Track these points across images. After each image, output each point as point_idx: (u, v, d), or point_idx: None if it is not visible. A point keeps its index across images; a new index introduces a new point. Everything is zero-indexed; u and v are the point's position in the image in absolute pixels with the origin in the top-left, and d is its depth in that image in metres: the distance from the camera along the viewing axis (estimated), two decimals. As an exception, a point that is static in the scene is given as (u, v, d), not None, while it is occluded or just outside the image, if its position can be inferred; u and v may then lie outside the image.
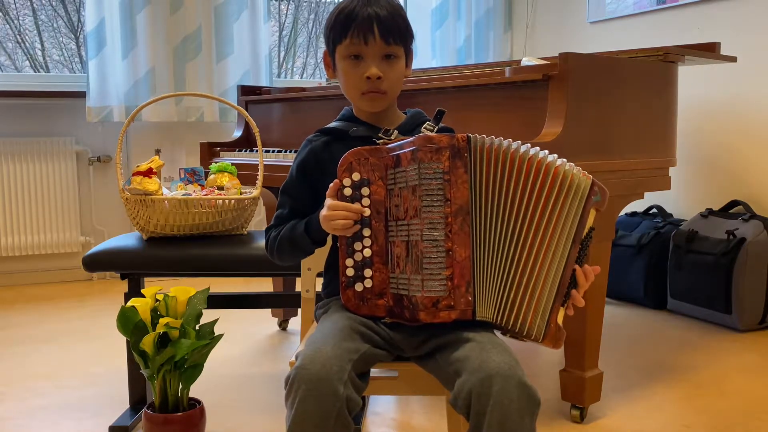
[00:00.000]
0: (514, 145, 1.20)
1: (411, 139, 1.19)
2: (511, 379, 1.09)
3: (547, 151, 1.21)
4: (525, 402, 1.09)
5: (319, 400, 1.09)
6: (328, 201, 1.23)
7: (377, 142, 1.25)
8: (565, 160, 1.22)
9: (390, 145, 1.22)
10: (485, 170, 1.18)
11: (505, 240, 1.19)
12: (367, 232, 1.21)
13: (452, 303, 1.15)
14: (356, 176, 1.21)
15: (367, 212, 1.21)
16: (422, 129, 1.32)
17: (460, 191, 1.16)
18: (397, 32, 1.31)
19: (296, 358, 1.16)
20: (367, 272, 1.21)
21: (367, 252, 1.21)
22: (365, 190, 1.21)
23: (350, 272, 1.22)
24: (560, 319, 1.22)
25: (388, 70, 1.31)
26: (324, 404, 1.09)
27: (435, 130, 1.32)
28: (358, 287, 1.22)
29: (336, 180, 1.22)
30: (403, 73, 1.35)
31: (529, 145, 1.21)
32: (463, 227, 1.16)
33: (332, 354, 1.12)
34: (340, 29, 1.31)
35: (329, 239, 1.35)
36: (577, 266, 1.21)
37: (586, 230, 1.23)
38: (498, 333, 1.24)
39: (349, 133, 1.35)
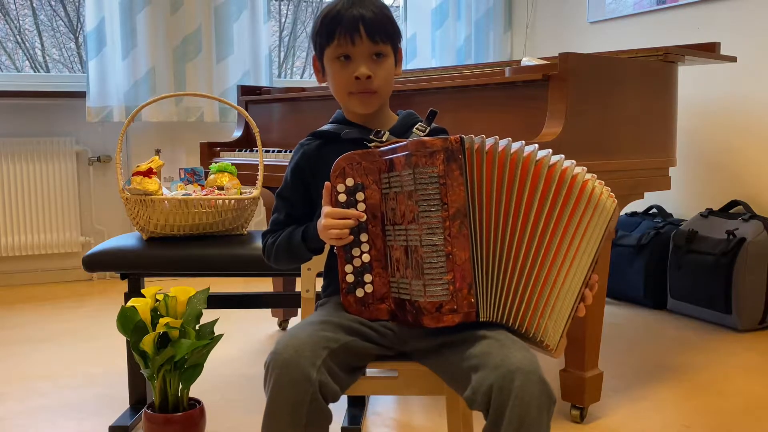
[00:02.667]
0: (515, 145, 1.19)
1: (404, 143, 1.18)
2: (533, 375, 1.10)
3: (535, 146, 1.20)
4: (544, 399, 1.10)
5: (291, 385, 1.10)
6: (325, 209, 1.22)
7: (368, 145, 1.25)
8: (581, 167, 1.21)
9: (382, 149, 1.21)
10: (485, 171, 1.17)
11: (509, 240, 1.18)
12: (364, 237, 1.20)
13: (455, 307, 1.14)
14: (350, 181, 1.21)
15: (364, 217, 1.20)
16: (414, 130, 1.32)
17: (456, 194, 1.15)
18: (383, 31, 1.31)
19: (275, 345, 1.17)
20: (367, 277, 1.21)
21: (366, 257, 1.21)
22: (360, 195, 1.20)
23: (350, 278, 1.21)
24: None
25: (378, 69, 1.31)
26: (297, 389, 1.10)
27: (427, 130, 1.31)
28: (359, 293, 1.21)
29: (327, 183, 1.22)
30: (392, 72, 1.35)
31: (523, 142, 1.20)
32: (461, 230, 1.15)
33: (306, 340, 1.14)
34: (326, 32, 1.31)
35: (327, 246, 1.35)
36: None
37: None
38: None
39: (341, 135, 1.35)
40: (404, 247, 1.17)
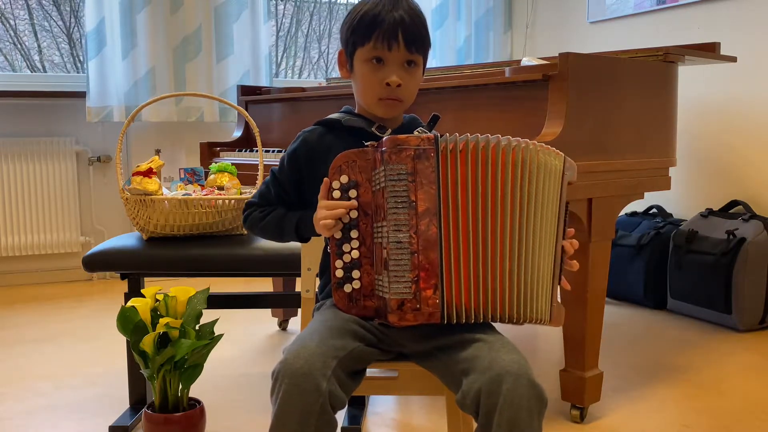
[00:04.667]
0: (492, 140, 1.18)
1: (384, 138, 1.19)
2: (522, 378, 1.10)
3: (497, 136, 1.19)
4: (534, 401, 1.10)
5: (301, 395, 1.09)
6: (320, 202, 1.23)
7: (365, 144, 1.25)
8: (531, 141, 1.21)
9: (375, 146, 1.21)
10: (459, 169, 1.16)
11: (487, 238, 1.17)
12: (354, 233, 1.21)
13: (418, 306, 1.14)
14: (344, 179, 1.21)
15: (355, 214, 1.20)
16: (414, 132, 1.31)
17: (426, 192, 1.15)
18: (420, 41, 1.31)
19: (283, 353, 1.16)
20: (355, 273, 1.21)
21: (355, 253, 1.21)
22: (353, 192, 1.21)
23: (339, 273, 1.22)
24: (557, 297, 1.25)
25: (408, 78, 1.31)
26: (306, 399, 1.09)
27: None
28: (347, 288, 1.22)
29: (326, 179, 1.23)
30: (420, 81, 1.35)
31: (488, 136, 1.19)
32: (429, 228, 1.15)
33: (317, 350, 1.13)
34: (363, 33, 1.29)
35: (321, 246, 1.36)
36: (564, 243, 1.25)
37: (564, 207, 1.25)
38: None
39: (342, 122, 1.35)
40: (380, 244, 1.18)
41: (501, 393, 1.08)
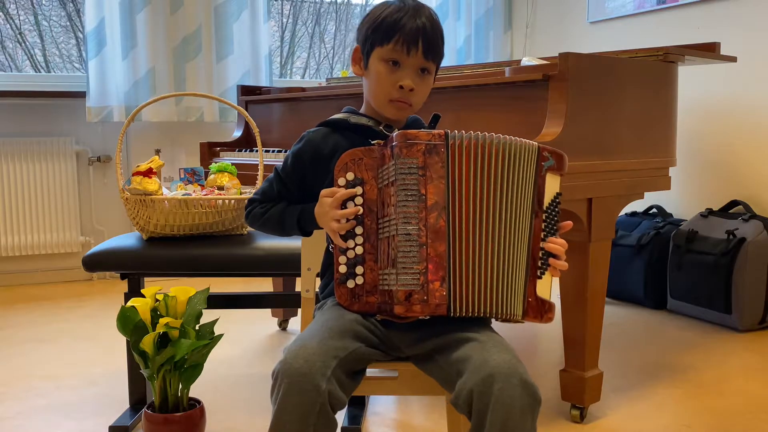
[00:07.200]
0: (495, 138, 1.20)
1: (395, 134, 1.20)
2: (513, 377, 1.10)
3: (498, 136, 1.21)
4: (526, 400, 1.10)
5: (301, 395, 1.10)
6: (326, 200, 1.24)
7: (372, 142, 1.25)
8: (512, 137, 1.22)
9: (382, 145, 1.23)
10: (464, 165, 1.18)
11: (482, 233, 1.19)
12: (359, 230, 1.22)
13: (425, 297, 1.15)
14: (350, 176, 1.22)
15: (360, 210, 1.22)
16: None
17: (436, 186, 1.16)
18: (437, 50, 1.33)
19: (284, 353, 1.17)
20: (359, 269, 1.22)
21: (359, 249, 1.22)
22: (359, 189, 1.22)
23: (343, 269, 1.23)
24: (547, 293, 1.24)
25: (421, 84, 1.33)
26: (306, 399, 1.10)
27: None
28: (350, 284, 1.23)
29: (335, 189, 1.23)
30: (431, 88, 1.37)
31: (501, 136, 1.20)
32: (438, 222, 1.16)
33: (317, 350, 1.14)
34: (384, 33, 1.31)
35: (320, 235, 1.36)
36: (551, 240, 1.23)
37: (549, 198, 1.24)
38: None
39: (349, 120, 1.36)
40: (387, 238, 1.19)
41: (492, 393, 1.08)
